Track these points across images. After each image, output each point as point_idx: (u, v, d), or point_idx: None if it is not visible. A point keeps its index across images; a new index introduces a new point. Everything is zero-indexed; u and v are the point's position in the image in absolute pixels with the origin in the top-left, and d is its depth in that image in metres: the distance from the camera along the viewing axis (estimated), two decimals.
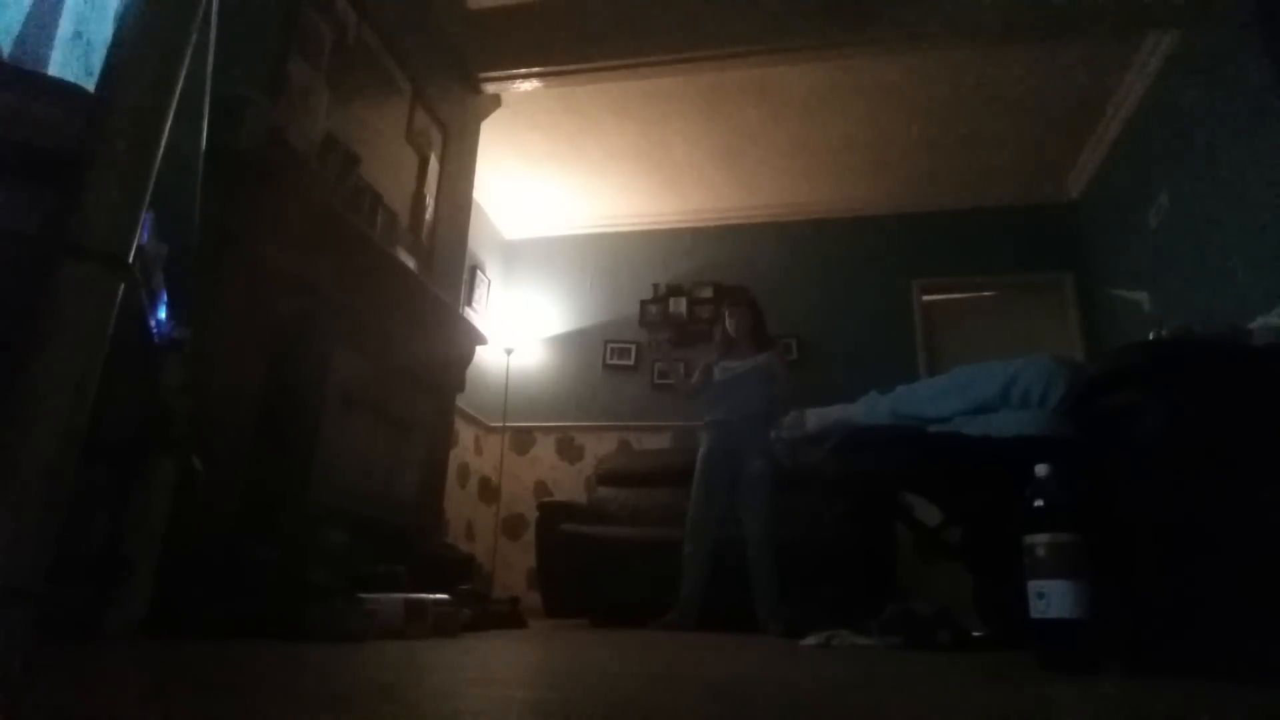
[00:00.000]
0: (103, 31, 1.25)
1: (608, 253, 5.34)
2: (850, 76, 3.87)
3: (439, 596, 2.02)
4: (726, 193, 5.00)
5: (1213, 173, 3.12)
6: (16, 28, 1.10)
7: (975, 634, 2.20)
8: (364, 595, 1.74)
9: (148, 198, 0.80)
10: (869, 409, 2.20)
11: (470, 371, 3.44)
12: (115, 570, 1.36)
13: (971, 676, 1.30)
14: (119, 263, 0.77)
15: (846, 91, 3.98)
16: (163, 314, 1.35)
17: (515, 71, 3.65)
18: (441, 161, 3.39)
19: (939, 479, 2.20)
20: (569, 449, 4.89)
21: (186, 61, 0.84)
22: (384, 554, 2.19)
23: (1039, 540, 1.38)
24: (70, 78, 1.06)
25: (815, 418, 2.35)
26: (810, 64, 3.66)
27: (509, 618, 2.73)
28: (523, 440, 4.95)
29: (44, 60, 1.15)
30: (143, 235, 0.89)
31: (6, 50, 1.06)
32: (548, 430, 4.94)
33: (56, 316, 0.72)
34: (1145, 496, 1.43)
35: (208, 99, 1.31)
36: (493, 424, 4.80)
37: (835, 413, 2.29)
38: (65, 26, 1.19)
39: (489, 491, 4.79)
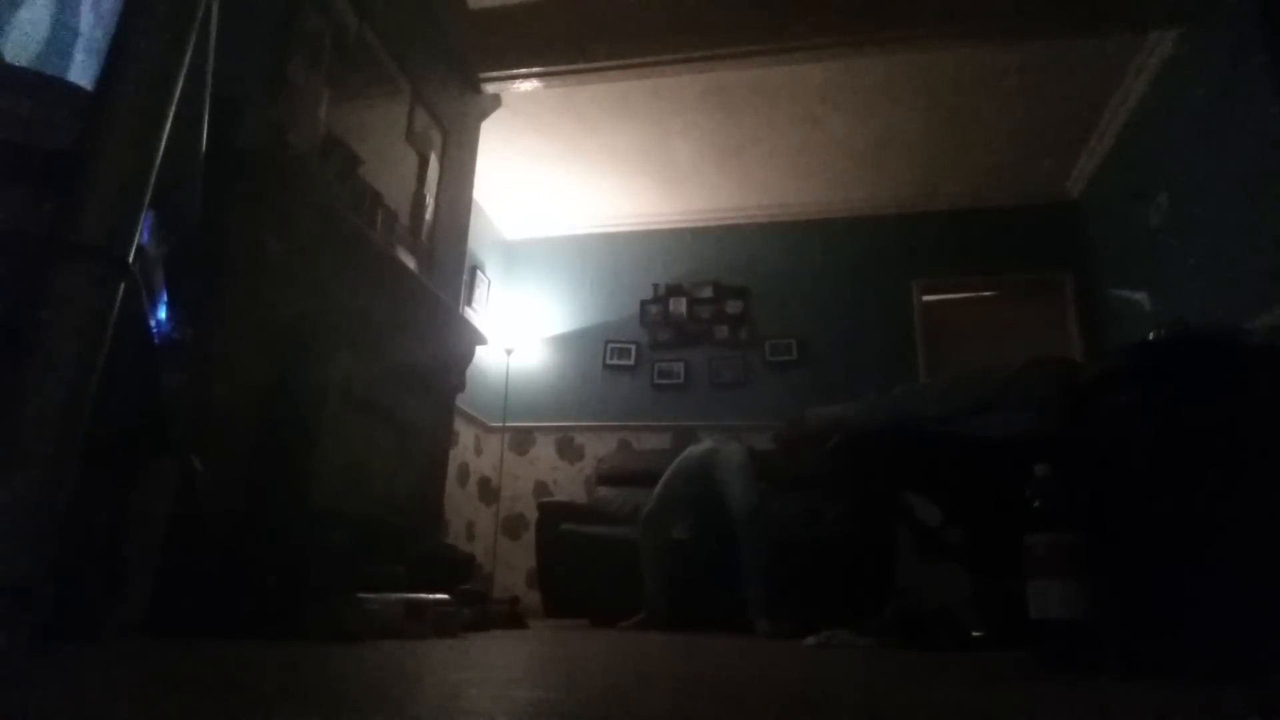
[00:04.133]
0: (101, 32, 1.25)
1: (608, 253, 5.34)
2: (850, 76, 3.87)
3: (439, 596, 2.02)
4: (726, 193, 5.00)
5: (1213, 173, 3.12)
6: (15, 29, 1.10)
7: (975, 634, 2.19)
8: (364, 595, 1.74)
9: (148, 198, 0.81)
10: (869, 409, 2.20)
11: (470, 371, 3.44)
12: (115, 570, 1.36)
13: (971, 676, 1.30)
14: (119, 263, 0.77)
15: (847, 91, 3.99)
16: (163, 314, 1.35)
17: (515, 71, 3.65)
18: (441, 161, 3.38)
19: (939, 479, 2.20)
20: (569, 449, 4.89)
21: (186, 61, 0.84)
22: (384, 554, 2.19)
23: (1039, 540, 1.38)
24: (71, 78, 1.06)
25: (815, 418, 2.35)
26: (810, 64, 3.66)
27: (509, 618, 2.73)
28: (523, 440, 4.95)
29: (47, 62, 1.15)
30: (143, 235, 0.89)
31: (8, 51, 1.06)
32: (548, 430, 4.94)
33: (56, 316, 0.72)
34: (1145, 496, 1.43)
35: (208, 99, 1.31)
36: (493, 424, 4.81)
37: (835, 413, 2.29)
38: (67, 27, 1.20)
39: (489, 491, 4.79)
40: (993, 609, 2.23)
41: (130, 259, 0.78)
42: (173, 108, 0.82)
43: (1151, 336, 1.68)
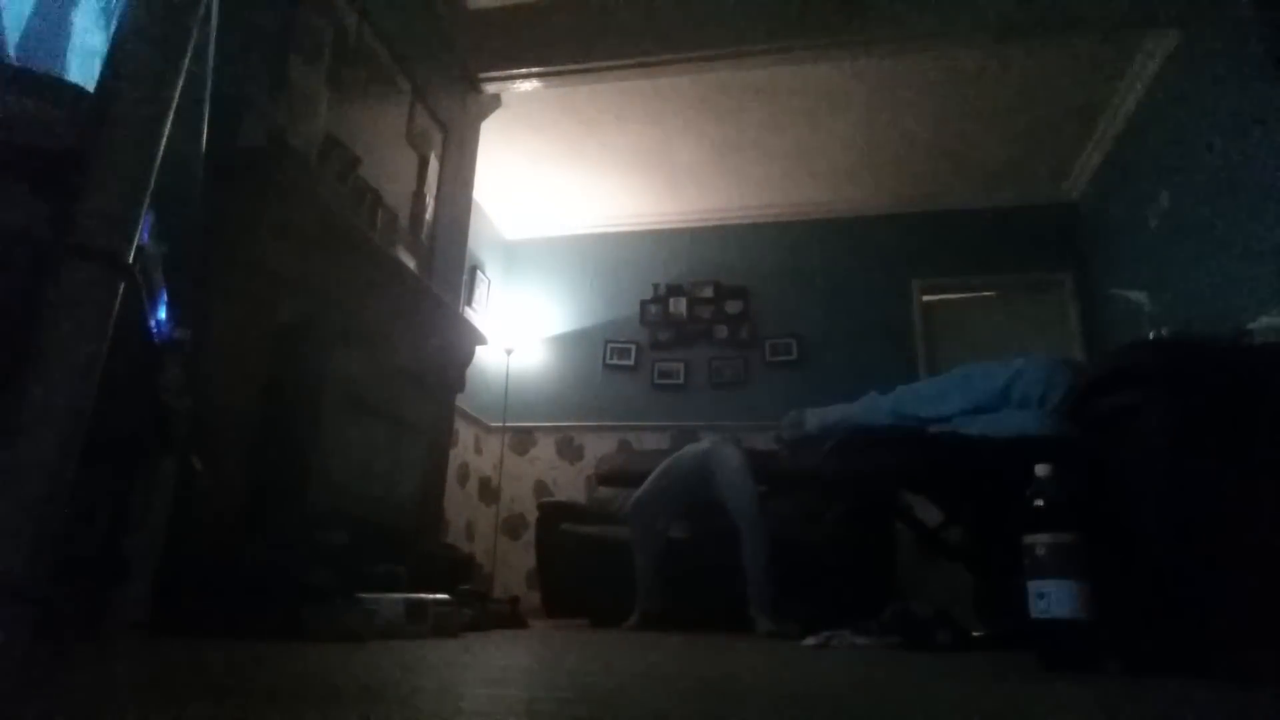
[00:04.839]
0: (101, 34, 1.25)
1: (608, 253, 5.34)
2: (850, 76, 3.86)
3: (439, 596, 2.02)
4: (726, 193, 5.00)
5: (1213, 173, 3.12)
6: (20, 29, 1.10)
7: (975, 634, 2.20)
8: (364, 595, 1.74)
9: (148, 198, 0.81)
10: (869, 409, 2.20)
11: (470, 371, 3.44)
12: (115, 570, 1.36)
13: (971, 676, 1.30)
14: (119, 263, 0.77)
15: (846, 91, 3.98)
16: (163, 314, 1.35)
17: (515, 71, 3.65)
18: (441, 161, 3.38)
19: (939, 479, 2.20)
20: (569, 449, 4.89)
21: (186, 61, 0.84)
22: (384, 554, 2.19)
23: (1039, 540, 1.38)
24: (72, 78, 1.06)
25: (815, 418, 2.35)
26: (810, 64, 3.66)
27: (509, 618, 2.73)
28: (523, 440, 4.95)
29: (50, 62, 1.15)
30: (143, 235, 0.89)
31: (11, 52, 1.06)
32: (548, 430, 4.94)
33: (56, 316, 0.72)
34: (1146, 496, 1.43)
35: (208, 99, 1.31)
36: (493, 424, 4.81)
37: (835, 413, 2.29)
38: (71, 29, 1.20)
39: (489, 491, 4.79)
40: (993, 609, 2.23)
41: (130, 259, 0.78)
42: (173, 108, 0.82)
43: (1152, 337, 1.68)
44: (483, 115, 3.83)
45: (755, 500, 3.00)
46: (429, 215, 3.24)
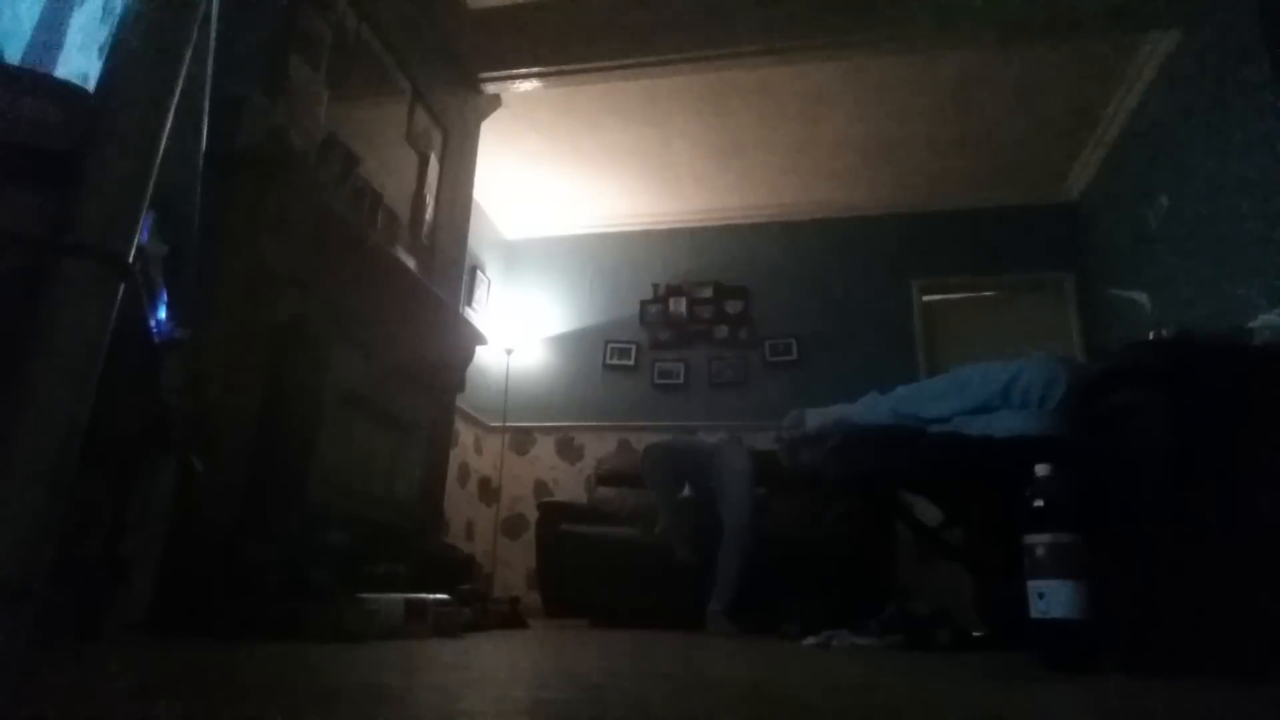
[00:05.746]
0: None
1: (608, 253, 5.34)
2: (850, 76, 3.86)
3: (439, 596, 2.02)
4: (726, 193, 5.00)
5: (1213, 173, 3.12)
6: (25, 33, 1.10)
7: (975, 634, 2.20)
8: (364, 595, 1.74)
9: (148, 198, 0.81)
10: (869, 409, 2.20)
11: (470, 371, 3.44)
12: (115, 570, 1.36)
13: (971, 676, 1.30)
14: (119, 263, 0.77)
15: (846, 91, 3.98)
16: (163, 314, 1.35)
17: (515, 71, 3.65)
18: (441, 161, 3.38)
19: (939, 479, 2.20)
20: (569, 449, 4.89)
21: (186, 61, 0.84)
22: (384, 554, 2.19)
23: (1039, 540, 1.38)
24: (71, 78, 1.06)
25: (815, 418, 2.35)
26: (810, 64, 3.66)
27: (509, 618, 2.73)
28: (523, 440, 4.95)
29: (51, 63, 1.15)
30: (143, 235, 0.89)
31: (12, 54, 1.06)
32: (548, 430, 4.94)
33: (56, 316, 0.72)
34: (1146, 496, 1.43)
35: (208, 99, 1.31)
36: (493, 424, 4.80)
37: (835, 413, 2.29)
38: (71, 31, 1.20)
39: (489, 491, 4.79)
40: (993, 609, 2.23)
41: (130, 259, 0.78)
42: (173, 108, 0.82)
43: (1151, 337, 1.68)
44: (483, 115, 3.83)
45: (748, 511, 3.02)
46: (429, 215, 3.24)
